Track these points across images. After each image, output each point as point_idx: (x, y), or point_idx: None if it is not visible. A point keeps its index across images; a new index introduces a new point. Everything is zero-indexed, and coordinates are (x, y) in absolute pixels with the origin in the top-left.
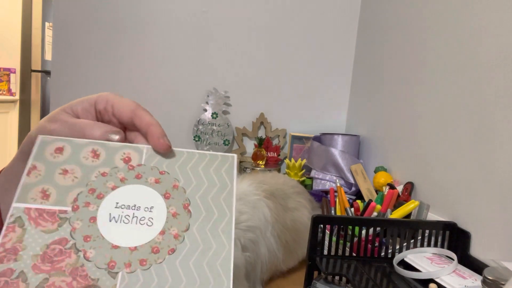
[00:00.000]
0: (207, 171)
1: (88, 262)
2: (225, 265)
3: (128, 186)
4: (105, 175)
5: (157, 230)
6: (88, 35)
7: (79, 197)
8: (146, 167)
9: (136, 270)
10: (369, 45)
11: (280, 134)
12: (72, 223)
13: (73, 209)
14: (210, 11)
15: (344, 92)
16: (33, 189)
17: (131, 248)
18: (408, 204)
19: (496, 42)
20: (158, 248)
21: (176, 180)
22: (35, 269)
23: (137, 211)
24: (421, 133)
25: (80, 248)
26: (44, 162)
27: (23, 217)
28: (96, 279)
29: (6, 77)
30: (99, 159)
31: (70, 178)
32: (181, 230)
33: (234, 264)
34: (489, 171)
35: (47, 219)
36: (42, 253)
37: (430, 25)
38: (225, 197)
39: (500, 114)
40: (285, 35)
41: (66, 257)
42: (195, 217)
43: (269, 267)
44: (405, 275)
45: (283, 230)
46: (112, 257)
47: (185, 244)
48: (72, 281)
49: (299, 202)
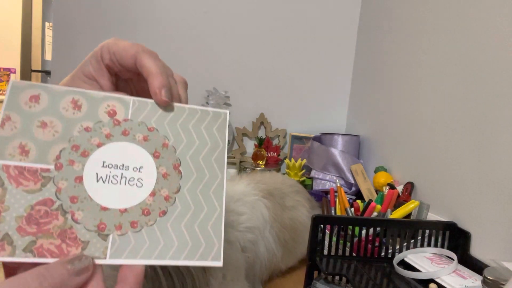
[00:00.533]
0: (198, 128)
1: (77, 224)
2: (216, 227)
3: (115, 143)
4: (88, 130)
5: (147, 191)
6: (88, 35)
7: (62, 154)
8: (133, 123)
9: (127, 233)
10: (369, 45)
11: (280, 134)
12: (56, 183)
13: (56, 168)
14: (210, 11)
15: (344, 92)
16: (9, 143)
17: (121, 210)
18: (408, 204)
19: (496, 42)
20: (149, 210)
21: (166, 138)
22: (20, 231)
23: (125, 171)
24: (421, 133)
25: (68, 210)
26: (19, 112)
27: (1, 175)
28: (87, 242)
29: (6, 77)
30: (81, 111)
31: (50, 132)
32: (172, 192)
33: (235, 265)
34: (489, 171)
35: (28, 177)
36: (27, 214)
37: (430, 25)
38: (217, 157)
39: (500, 114)
40: (285, 35)
41: (53, 219)
42: (186, 178)
43: (268, 267)
44: (405, 275)
45: (282, 229)
46: (101, 219)
47: (176, 206)
48: (61, 244)
49: (297, 201)
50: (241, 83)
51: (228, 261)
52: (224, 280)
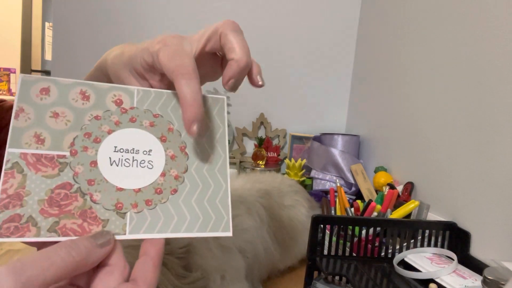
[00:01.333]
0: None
1: (96, 204)
2: (223, 202)
3: (124, 130)
4: (98, 118)
5: (158, 172)
6: (88, 35)
7: (76, 142)
8: (139, 110)
9: (143, 210)
10: (369, 45)
11: (280, 134)
12: (73, 168)
13: (72, 154)
14: (210, 12)
15: (344, 92)
16: (25, 133)
17: (135, 190)
18: (408, 204)
19: (496, 42)
20: (161, 189)
21: (170, 123)
22: (43, 213)
23: (136, 154)
24: (421, 133)
25: (86, 192)
26: (31, 104)
27: (20, 162)
28: (106, 220)
29: (6, 77)
30: (89, 101)
31: (63, 121)
32: (181, 172)
33: (234, 266)
34: (489, 171)
35: (46, 164)
36: (48, 197)
37: (430, 25)
38: (219, 139)
39: (500, 114)
40: (285, 35)
41: (73, 200)
42: (192, 159)
43: (266, 266)
44: (405, 275)
45: (280, 228)
46: (118, 198)
47: (186, 185)
48: (83, 223)
49: (296, 200)
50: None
51: (226, 262)
52: (224, 281)
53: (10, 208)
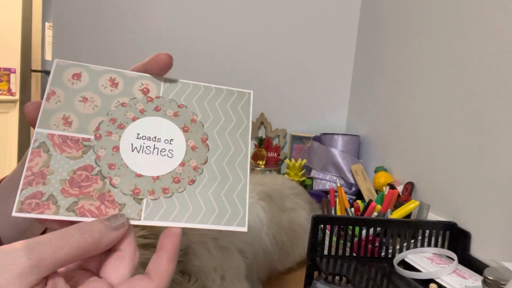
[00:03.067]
0: (224, 106)
1: (114, 188)
2: (241, 196)
3: (148, 118)
4: (124, 105)
5: (177, 161)
6: (88, 35)
7: (101, 126)
8: (164, 100)
9: (159, 198)
10: (369, 45)
11: (280, 134)
12: (96, 151)
13: (96, 138)
14: (210, 11)
15: (344, 92)
16: (54, 115)
17: (153, 177)
18: (408, 204)
19: (496, 42)
20: (179, 178)
21: (194, 114)
22: (64, 192)
23: (157, 142)
24: (421, 133)
25: (106, 175)
26: (62, 88)
27: (47, 142)
28: (123, 204)
29: (6, 77)
30: (117, 88)
31: (91, 106)
32: (200, 163)
33: (233, 267)
34: (489, 171)
35: (71, 145)
36: (70, 178)
37: (431, 25)
38: (241, 133)
39: (500, 114)
40: (285, 35)
41: (93, 182)
42: (213, 151)
43: (265, 268)
44: (405, 275)
45: (279, 231)
46: (136, 184)
47: (204, 176)
48: (100, 205)
49: (296, 203)
50: (241, 83)
51: (226, 263)
52: (224, 281)
53: (34, 185)
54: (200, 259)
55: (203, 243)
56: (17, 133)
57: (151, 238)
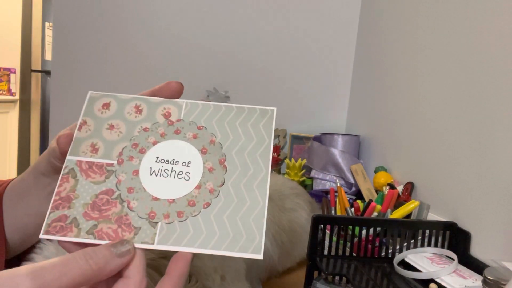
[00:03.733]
0: (245, 125)
1: (132, 212)
2: (258, 221)
3: (168, 141)
4: (147, 130)
5: (193, 184)
6: (88, 35)
7: (124, 152)
8: (184, 122)
9: (174, 221)
10: (369, 45)
11: (280, 134)
12: (117, 176)
13: (118, 163)
14: (210, 11)
15: (344, 92)
16: (83, 143)
17: (169, 201)
18: (408, 204)
19: (496, 42)
20: (194, 202)
21: (213, 135)
22: (85, 216)
23: (175, 165)
24: (422, 133)
25: (125, 199)
26: (93, 118)
27: (75, 169)
28: (139, 228)
29: (6, 77)
30: (141, 115)
31: (116, 133)
32: (217, 185)
33: (233, 267)
34: (489, 171)
35: (96, 171)
36: (92, 202)
37: (431, 25)
38: (262, 152)
39: (500, 114)
40: (285, 35)
41: (112, 206)
42: (231, 173)
43: (264, 268)
44: (405, 275)
45: (279, 231)
46: (152, 208)
47: (220, 199)
48: (117, 228)
49: (297, 203)
50: (241, 83)
51: (226, 263)
52: (224, 281)
53: (60, 209)
54: (200, 260)
55: None
56: (17, 133)
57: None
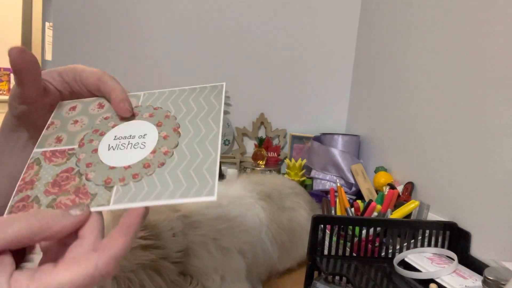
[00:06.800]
0: (197, 100)
1: (89, 181)
2: (210, 169)
3: (126, 122)
4: (107, 118)
5: (148, 150)
6: (88, 35)
7: (85, 137)
8: (142, 107)
9: (129, 183)
10: (369, 45)
11: (280, 134)
12: (78, 156)
13: (80, 146)
14: (210, 11)
15: (344, 92)
16: (49, 137)
17: (125, 167)
18: (408, 204)
19: (496, 43)
20: (149, 164)
21: (168, 111)
22: (46, 193)
23: (132, 139)
24: (421, 133)
25: (83, 173)
26: (60, 119)
27: (40, 158)
28: (95, 194)
29: (6, 77)
30: (103, 109)
31: (79, 125)
32: (171, 148)
33: (233, 267)
34: (489, 171)
35: (58, 156)
36: (53, 180)
37: (430, 25)
38: (213, 116)
39: (500, 114)
40: (285, 35)
41: (71, 180)
42: (184, 136)
43: (265, 268)
44: (405, 275)
45: (279, 231)
46: (108, 175)
47: (174, 158)
48: (75, 198)
49: (297, 203)
50: (241, 83)
51: (226, 263)
52: (224, 281)
53: (23, 192)
54: (200, 260)
55: (203, 244)
56: None
57: (151, 239)
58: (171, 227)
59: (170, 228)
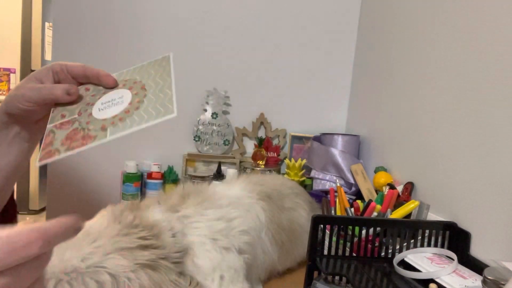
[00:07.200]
0: (153, 67)
1: (90, 130)
2: (169, 100)
3: (106, 94)
4: (94, 95)
5: (126, 103)
6: (88, 35)
7: (82, 109)
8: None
9: (117, 123)
10: (369, 45)
11: (280, 134)
12: (79, 120)
13: (79, 114)
14: (210, 11)
15: (344, 92)
16: (56, 116)
17: (113, 116)
18: (408, 204)
19: (497, 43)
20: (128, 110)
21: (135, 80)
22: (63, 143)
23: (113, 101)
24: (421, 133)
25: (85, 127)
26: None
27: (53, 129)
28: (95, 136)
29: (6, 77)
30: (89, 90)
31: (75, 103)
32: (141, 97)
33: (233, 267)
34: (489, 171)
35: (66, 124)
36: (65, 136)
37: (430, 25)
38: (166, 73)
39: (500, 114)
40: (286, 35)
41: (78, 134)
42: (149, 89)
43: (265, 268)
44: (405, 275)
45: (279, 231)
46: (102, 123)
47: (144, 103)
48: (82, 141)
49: (296, 203)
50: (241, 83)
51: (225, 263)
52: (223, 281)
53: (46, 148)
54: (200, 260)
55: (202, 244)
56: None
57: (151, 239)
58: (170, 227)
59: (170, 228)
